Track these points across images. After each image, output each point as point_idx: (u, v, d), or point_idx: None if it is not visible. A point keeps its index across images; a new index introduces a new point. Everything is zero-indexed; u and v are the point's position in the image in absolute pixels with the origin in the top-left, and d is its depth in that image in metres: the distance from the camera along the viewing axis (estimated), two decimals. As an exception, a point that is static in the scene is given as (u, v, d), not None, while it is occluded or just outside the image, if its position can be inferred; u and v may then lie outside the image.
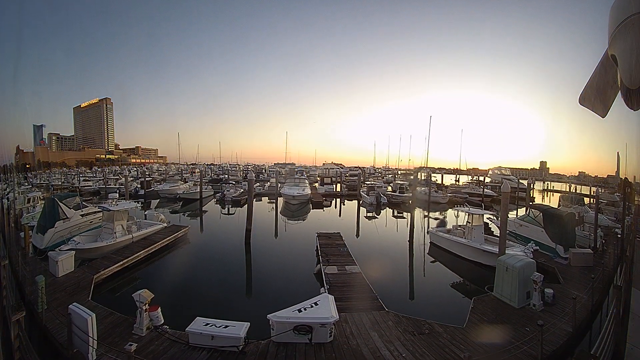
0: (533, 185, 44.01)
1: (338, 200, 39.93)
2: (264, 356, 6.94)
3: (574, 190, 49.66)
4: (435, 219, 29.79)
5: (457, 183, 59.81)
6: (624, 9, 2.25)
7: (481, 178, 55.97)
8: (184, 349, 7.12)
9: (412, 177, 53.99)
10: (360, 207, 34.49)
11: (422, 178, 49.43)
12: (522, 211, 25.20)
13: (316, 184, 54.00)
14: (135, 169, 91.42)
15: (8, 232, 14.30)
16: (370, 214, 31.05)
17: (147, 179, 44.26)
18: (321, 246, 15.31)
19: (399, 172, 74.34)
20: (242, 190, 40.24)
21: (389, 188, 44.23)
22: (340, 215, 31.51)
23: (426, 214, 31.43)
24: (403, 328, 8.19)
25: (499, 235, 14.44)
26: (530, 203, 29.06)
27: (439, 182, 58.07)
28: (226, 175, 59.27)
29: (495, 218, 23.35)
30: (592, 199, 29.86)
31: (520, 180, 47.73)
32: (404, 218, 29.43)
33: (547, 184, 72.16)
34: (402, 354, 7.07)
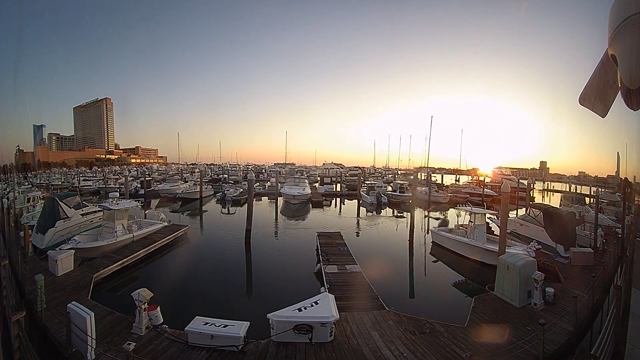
0: (533, 185, 44.02)
1: (338, 200, 39.94)
2: (264, 356, 6.93)
3: (574, 190, 49.65)
4: (436, 218, 29.82)
5: (457, 183, 59.86)
6: (624, 9, 2.25)
7: (481, 178, 55.99)
8: (183, 349, 7.12)
9: (412, 177, 54.02)
10: (360, 207, 34.50)
11: (422, 178, 49.48)
12: (522, 211, 25.18)
13: (316, 184, 54.01)
14: (135, 169, 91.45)
15: (8, 231, 14.31)
16: (370, 214, 31.04)
17: (147, 178, 44.29)
18: (321, 245, 15.32)
19: (399, 172, 74.34)
20: (242, 190, 40.28)
21: (389, 188, 44.28)
22: (340, 214, 31.51)
23: (426, 213, 31.44)
24: (404, 327, 8.18)
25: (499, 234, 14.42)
26: (530, 203, 29.05)
27: (439, 182, 58.14)
28: (226, 175, 59.30)
29: (495, 217, 23.35)
30: (592, 199, 29.84)
31: (521, 180, 47.76)
32: (404, 218, 29.42)
33: (547, 184, 72.14)
34: (403, 354, 7.07)
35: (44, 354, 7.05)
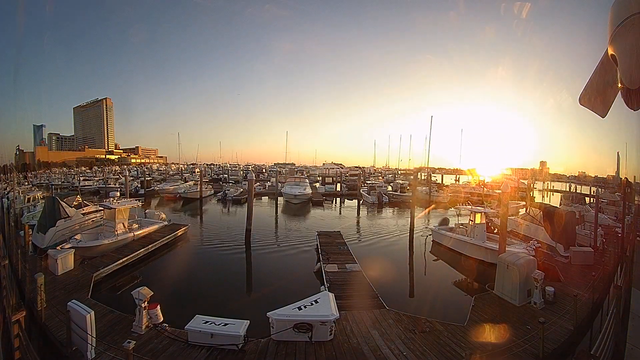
0: (533, 185, 44.07)
1: (338, 199, 39.97)
2: (264, 354, 6.94)
3: (574, 190, 49.70)
4: (436, 218, 29.82)
5: (457, 182, 59.90)
6: (624, 9, 2.25)
7: (482, 178, 56.04)
8: (183, 347, 7.13)
9: (412, 177, 54.06)
10: (361, 206, 34.53)
11: (423, 178, 49.54)
12: (522, 210, 25.18)
13: (317, 184, 54.08)
14: (135, 168, 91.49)
15: (8, 231, 14.32)
16: (370, 213, 31.07)
17: (147, 178, 44.34)
18: (321, 244, 15.34)
19: (399, 172, 74.36)
20: (242, 189, 40.31)
21: (389, 187, 44.33)
22: (340, 214, 31.52)
23: (427, 213, 31.45)
24: (403, 326, 8.20)
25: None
26: (530, 202, 29.06)
27: (439, 182, 58.21)
28: (226, 175, 59.38)
29: (495, 217, 23.34)
30: (592, 199, 29.86)
31: (521, 180, 47.83)
32: (404, 217, 29.43)
33: (547, 184, 72.04)
34: (403, 352, 7.08)
35: (44, 353, 7.05)
